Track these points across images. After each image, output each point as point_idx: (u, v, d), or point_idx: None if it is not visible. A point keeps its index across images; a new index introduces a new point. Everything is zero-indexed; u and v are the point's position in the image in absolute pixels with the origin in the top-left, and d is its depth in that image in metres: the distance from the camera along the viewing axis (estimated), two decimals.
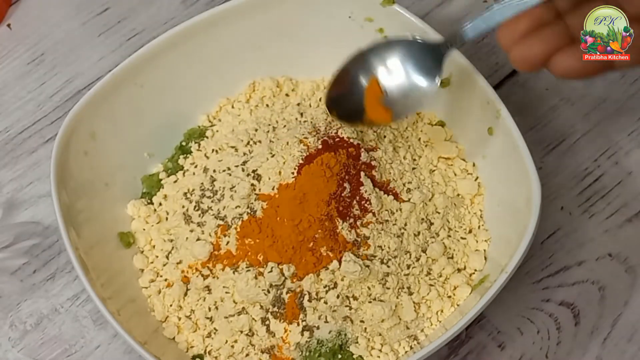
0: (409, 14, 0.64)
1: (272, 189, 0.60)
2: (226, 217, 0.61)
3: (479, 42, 0.76)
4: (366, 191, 0.60)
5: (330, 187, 0.59)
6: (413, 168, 0.64)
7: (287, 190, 0.59)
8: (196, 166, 0.66)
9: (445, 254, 0.62)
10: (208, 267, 0.60)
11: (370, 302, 0.59)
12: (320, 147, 0.61)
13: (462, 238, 0.63)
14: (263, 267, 0.58)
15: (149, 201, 0.66)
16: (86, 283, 0.56)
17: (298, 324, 0.58)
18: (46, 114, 0.73)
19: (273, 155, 0.62)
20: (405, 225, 0.61)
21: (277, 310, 0.59)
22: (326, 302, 0.58)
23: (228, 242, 0.60)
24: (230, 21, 0.66)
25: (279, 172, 0.60)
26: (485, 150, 0.64)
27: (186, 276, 0.61)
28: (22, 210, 0.69)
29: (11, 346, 0.64)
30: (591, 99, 0.73)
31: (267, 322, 0.59)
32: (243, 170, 0.62)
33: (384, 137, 0.65)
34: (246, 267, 0.59)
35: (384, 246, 0.59)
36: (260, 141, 0.64)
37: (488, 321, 0.64)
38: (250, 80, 0.69)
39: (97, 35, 0.77)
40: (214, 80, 0.68)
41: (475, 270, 0.62)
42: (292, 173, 0.60)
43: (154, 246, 0.64)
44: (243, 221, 0.60)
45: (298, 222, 0.58)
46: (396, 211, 0.61)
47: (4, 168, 0.71)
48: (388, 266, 0.59)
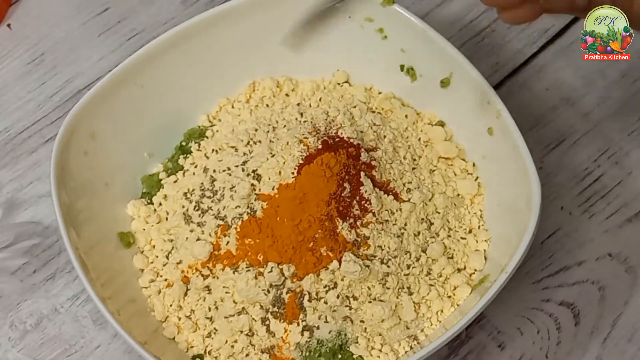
0: (409, 14, 0.64)
1: (272, 189, 0.60)
2: (226, 217, 0.61)
3: (479, 42, 0.76)
4: (366, 191, 0.60)
5: (330, 187, 0.59)
6: (413, 168, 0.64)
7: (287, 190, 0.59)
8: (196, 166, 0.66)
9: (445, 254, 0.62)
10: (208, 267, 0.60)
11: (370, 302, 0.59)
12: (320, 147, 0.61)
13: (462, 238, 0.63)
14: (263, 267, 0.58)
15: (149, 201, 0.66)
16: (86, 283, 0.56)
17: (298, 324, 0.58)
18: (46, 114, 0.73)
19: (273, 155, 0.62)
20: (405, 225, 0.61)
21: (277, 310, 0.59)
22: (326, 302, 0.58)
23: (228, 242, 0.60)
24: (230, 21, 0.66)
25: (279, 172, 0.60)
26: (485, 150, 0.64)
27: (186, 276, 0.61)
28: (22, 210, 0.69)
29: (11, 346, 0.64)
30: (591, 99, 0.73)
31: (267, 322, 0.59)
32: (243, 170, 0.62)
33: (384, 137, 0.65)
34: (246, 267, 0.59)
35: (384, 246, 0.59)
36: (260, 141, 0.64)
37: (488, 321, 0.64)
38: (250, 80, 0.69)
39: (97, 35, 0.77)
40: (214, 80, 0.68)
41: (475, 270, 0.62)
42: (292, 173, 0.60)
43: (154, 246, 0.64)
44: (243, 221, 0.60)
45: (298, 222, 0.58)
46: (396, 211, 0.61)
47: (4, 168, 0.71)
48: (388, 266, 0.59)
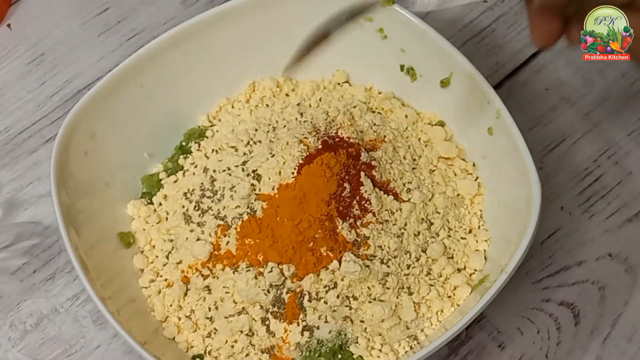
0: (409, 14, 0.64)
1: (272, 189, 0.60)
2: (226, 217, 0.61)
3: (479, 42, 0.76)
4: (366, 191, 0.60)
5: (330, 187, 0.59)
6: (413, 168, 0.64)
7: (287, 190, 0.59)
8: (196, 166, 0.66)
9: (445, 254, 0.62)
10: (208, 267, 0.60)
11: (370, 302, 0.59)
12: (320, 147, 0.61)
13: (462, 238, 0.63)
14: (263, 267, 0.58)
15: (149, 201, 0.66)
16: (86, 283, 0.56)
17: (298, 324, 0.58)
18: (46, 114, 0.73)
19: (273, 155, 0.62)
20: (405, 225, 0.61)
21: (277, 310, 0.59)
22: (326, 302, 0.58)
23: (228, 242, 0.60)
24: (230, 21, 0.66)
25: (279, 172, 0.60)
26: (485, 150, 0.64)
27: (186, 276, 0.61)
28: (22, 210, 0.69)
29: (11, 346, 0.64)
30: (591, 99, 0.73)
31: (267, 322, 0.59)
32: (243, 170, 0.62)
33: (384, 137, 0.65)
34: (246, 267, 0.59)
35: (384, 246, 0.59)
36: (260, 141, 0.64)
37: (488, 321, 0.64)
38: (250, 80, 0.69)
39: (97, 35, 0.77)
40: (214, 80, 0.68)
41: (475, 270, 0.62)
42: (292, 173, 0.60)
43: (154, 246, 0.64)
44: (243, 221, 0.60)
45: (298, 222, 0.58)
46: (396, 211, 0.61)
47: (4, 168, 0.71)
48: (388, 266, 0.59)
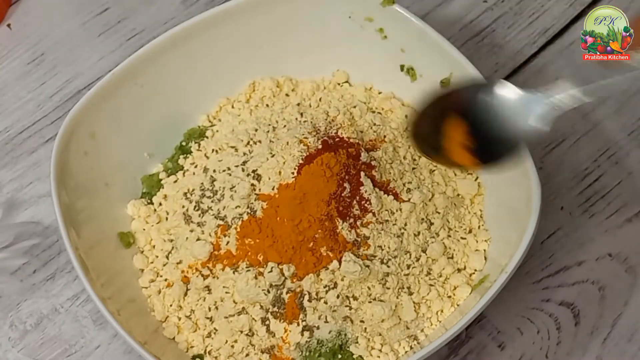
0: (409, 14, 0.64)
1: (272, 189, 0.60)
2: (226, 217, 0.61)
3: (479, 42, 0.76)
4: (366, 191, 0.60)
5: (330, 187, 0.59)
6: (413, 168, 0.64)
7: (287, 190, 0.59)
8: (196, 166, 0.66)
9: (445, 254, 0.62)
10: (208, 267, 0.60)
11: (370, 302, 0.59)
12: (320, 147, 0.61)
13: (462, 238, 0.63)
14: (263, 267, 0.58)
15: (149, 201, 0.66)
16: (86, 283, 0.56)
17: (298, 324, 0.58)
18: (46, 114, 0.73)
19: (273, 155, 0.62)
20: (405, 225, 0.61)
21: (277, 310, 0.59)
22: (326, 302, 0.58)
23: (228, 242, 0.60)
24: (230, 21, 0.66)
25: (279, 172, 0.60)
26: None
27: (186, 276, 0.61)
28: (22, 210, 0.69)
29: (11, 346, 0.64)
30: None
31: (267, 322, 0.59)
32: (243, 170, 0.62)
33: (384, 137, 0.65)
34: (246, 267, 0.59)
35: (384, 246, 0.59)
36: (260, 141, 0.64)
37: (488, 321, 0.64)
38: (250, 80, 0.69)
39: (97, 35, 0.77)
40: (214, 80, 0.68)
41: (475, 270, 0.62)
42: (292, 173, 0.60)
43: (154, 246, 0.64)
44: (243, 221, 0.60)
45: (298, 222, 0.58)
46: (396, 211, 0.61)
47: (4, 168, 0.71)
48: (388, 266, 0.59)
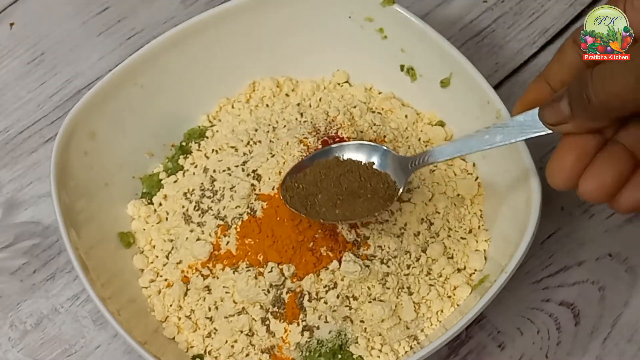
0: (409, 14, 0.64)
1: (272, 189, 0.60)
2: (226, 217, 0.61)
3: (479, 42, 0.76)
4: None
5: None
6: None
7: None
8: (196, 166, 0.66)
9: (445, 254, 0.62)
10: (208, 267, 0.60)
11: (370, 302, 0.59)
12: (320, 147, 0.61)
13: (462, 238, 0.63)
14: (263, 267, 0.58)
15: (149, 201, 0.66)
16: (86, 283, 0.56)
17: (298, 324, 0.58)
18: (46, 114, 0.73)
19: (273, 155, 0.62)
20: (405, 225, 0.61)
21: (277, 310, 0.59)
22: (326, 302, 0.58)
23: (228, 242, 0.60)
24: (230, 21, 0.66)
25: (279, 172, 0.60)
26: (485, 150, 0.64)
27: (186, 276, 0.61)
28: (22, 210, 0.69)
29: (11, 346, 0.64)
30: None
31: (267, 322, 0.59)
32: (243, 170, 0.62)
33: (384, 137, 0.65)
34: (246, 267, 0.59)
35: (384, 246, 0.59)
36: (260, 141, 0.64)
37: (488, 321, 0.64)
38: (250, 80, 0.69)
39: (97, 34, 0.77)
40: (214, 80, 0.68)
41: (475, 270, 0.62)
42: None
43: (154, 246, 0.64)
44: (243, 221, 0.60)
45: (298, 222, 0.58)
46: (396, 211, 0.61)
47: (4, 168, 0.71)
48: (388, 266, 0.59)
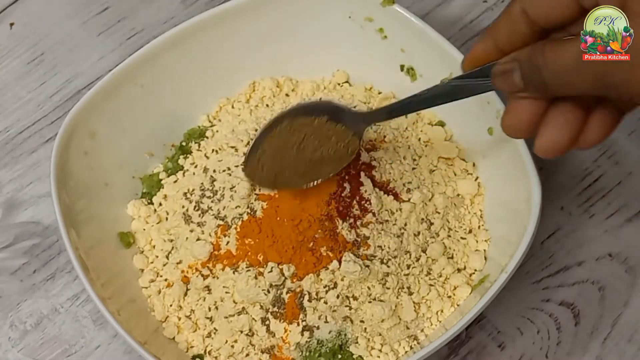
0: (409, 14, 0.64)
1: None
2: (226, 217, 0.61)
3: None
4: (366, 191, 0.60)
5: (330, 187, 0.59)
6: (413, 168, 0.64)
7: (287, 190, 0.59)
8: (196, 166, 0.66)
9: (445, 254, 0.62)
10: (208, 267, 0.60)
11: (370, 302, 0.59)
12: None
13: (462, 238, 0.63)
14: (263, 267, 0.58)
15: (149, 201, 0.66)
16: (86, 283, 0.56)
17: (298, 324, 0.58)
18: (46, 114, 0.73)
19: None
20: (405, 225, 0.61)
21: (277, 310, 0.59)
22: (326, 302, 0.58)
23: (228, 242, 0.60)
24: (230, 21, 0.66)
25: None
26: (485, 150, 0.64)
27: (186, 276, 0.61)
28: (22, 210, 0.69)
29: (11, 346, 0.64)
30: None
31: (267, 322, 0.59)
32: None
33: (384, 137, 0.65)
34: (246, 267, 0.59)
35: (384, 246, 0.59)
36: None
37: (488, 321, 0.64)
38: (250, 80, 0.69)
39: (97, 34, 0.77)
40: (214, 80, 0.68)
41: (475, 270, 0.62)
42: None
43: (154, 246, 0.64)
44: (243, 221, 0.60)
45: (298, 222, 0.58)
46: (396, 211, 0.61)
47: (4, 168, 0.71)
48: (388, 266, 0.59)
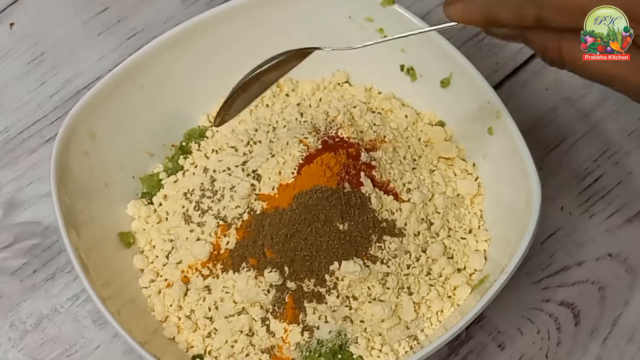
0: (409, 14, 0.64)
1: (272, 189, 0.60)
2: (226, 217, 0.61)
3: (479, 42, 0.76)
4: (366, 191, 0.60)
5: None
6: (413, 168, 0.64)
7: (287, 190, 0.59)
8: (196, 166, 0.66)
9: (445, 254, 0.62)
10: (208, 267, 0.60)
11: (370, 302, 0.59)
12: (320, 147, 0.61)
13: (462, 238, 0.63)
14: (263, 267, 0.58)
15: (149, 201, 0.66)
16: (86, 283, 0.56)
17: (298, 324, 0.58)
18: (46, 114, 0.73)
19: (273, 155, 0.62)
20: (405, 225, 0.61)
21: (277, 310, 0.59)
22: (326, 302, 0.58)
23: (228, 242, 0.60)
24: (230, 21, 0.66)
25: (279, 172, 0.60)
26: (485, 150, 0.64)
27: (186, 276, 0.61)
28: (22, 210, 0.69)
29: (11, 346, 0.64)
30: (591, 99, 0.73)
31: (267, 322, 0.59)
32: (243, 170, 0.62)
33: (384, 137, 0.65)
34: (246, 267, 0.59)
35: (384, 246, 0.59)
36: (260, 141, 0.64)
37: (488, 321, 0.64)
38: None
39: (97, 34, 0.77)
40: (214, 80, 0.68)
41: (475, 270, 0.62)
42: (292, 173, 0.60)
43: (154, 246, 0.64)
44: (243, 221, 0.60)
45: None
46: (396, 211, 0.61)
47: (4, 168, 0.71)
48: (388, 266, 0.59)
